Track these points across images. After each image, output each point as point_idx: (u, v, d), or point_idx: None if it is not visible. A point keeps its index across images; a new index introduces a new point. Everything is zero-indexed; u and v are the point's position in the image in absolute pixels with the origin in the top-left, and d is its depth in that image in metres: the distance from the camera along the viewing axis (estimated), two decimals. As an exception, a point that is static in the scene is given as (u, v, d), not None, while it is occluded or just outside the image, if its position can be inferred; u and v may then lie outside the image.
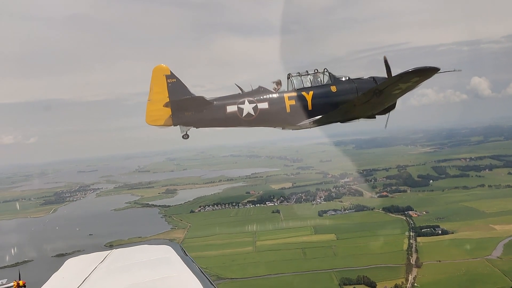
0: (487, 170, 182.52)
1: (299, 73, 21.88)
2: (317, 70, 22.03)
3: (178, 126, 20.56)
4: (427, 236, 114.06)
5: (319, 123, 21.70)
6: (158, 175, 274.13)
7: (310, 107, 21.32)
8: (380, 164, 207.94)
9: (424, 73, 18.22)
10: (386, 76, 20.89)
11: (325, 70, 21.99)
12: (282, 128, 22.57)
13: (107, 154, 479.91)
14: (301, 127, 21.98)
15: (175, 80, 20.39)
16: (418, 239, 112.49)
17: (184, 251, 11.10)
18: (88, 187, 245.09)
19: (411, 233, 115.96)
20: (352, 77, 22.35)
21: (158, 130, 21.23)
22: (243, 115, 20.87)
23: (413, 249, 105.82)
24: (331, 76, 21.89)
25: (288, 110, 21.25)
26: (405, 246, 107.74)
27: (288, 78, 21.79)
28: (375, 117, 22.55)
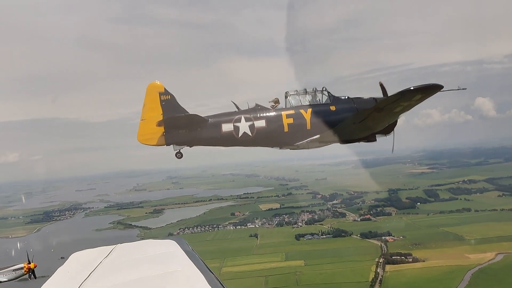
0: (477, 193, 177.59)
1: (297, 91, 21.47)
2: (315, 89, 21.62)
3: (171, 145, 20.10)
4: (396, 264, 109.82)
5: (317, 143, 21.23)
6: (153, 194, 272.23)
7: (308, 126, 20.84)
8: (374, 185, 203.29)
9: (427, 91, 17.66)
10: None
11: (324, 89, 21.62)
12: (280, 148, 21.97)
13: (110, 172, 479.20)
14: (298, 147, 21.38)
15: (169, 97, 20.05)
16: (387, 267, 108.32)
17: (189, 246, 10.91)
18: (80, 206, 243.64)
19: (381, 261, 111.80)
20: (351, 96, 21.98)
21: (161, 149, 20.51)
22: (239, 134, 20.29)
23: (378, 279, 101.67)
24: (330, 95, 21.56)
25: (286, 129, 20.76)
26: (371, 276, 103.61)
27: (286, 96, 21.42)
28: (375, 140, 21.94)
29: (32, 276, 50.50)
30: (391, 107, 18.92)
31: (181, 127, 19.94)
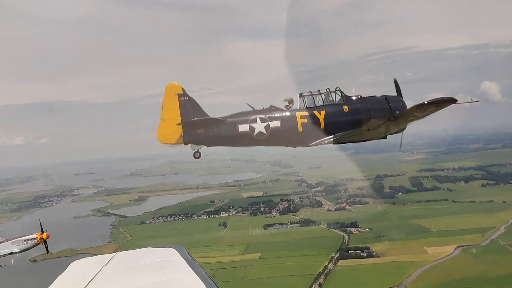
0: (462, 182, 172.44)
1: (310, 92, 21.96)
2: (329, 89, 22.08)
3: (189, 144, 20.68)
4: (350, 258, 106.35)
5: (330, 143, 21.73)
6: (146, 180, 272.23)
7: (322, 126, 21.32)
8: (365, 172, 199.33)
9: (441, 104, 18.58)
10: (397, 94, 22.23)
11: (337, 89, 22.07)
12: (294, 147, 22.60)
13: (115, 156, 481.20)
14: (312, 146, 21.96)
15: (187, 98, 20.62)
16: (340, 262, 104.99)
17: (189, 254, 10.88)
18: (71, 191, 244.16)
19: (336, 255, 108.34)
20: (364, 95, 22.41)
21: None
22: (255, 133, 20.81)
23: (324, 274, 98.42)
24: (343, 95, 22.02)
25: (300, 129, 21.25)
26: (320, 270, 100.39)
27: (300, 96, 21.93)
28: (386, 137, 22.55)
29: (44, 247, 48.62)
30: (406, 117, 20.15)
31: (199, 127, 20.44)
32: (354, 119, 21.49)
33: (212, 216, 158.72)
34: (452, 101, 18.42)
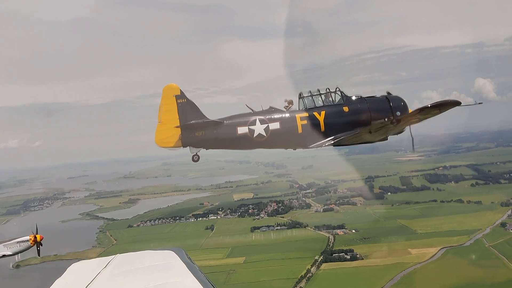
0: (452, 182, 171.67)
1: (310, 92, 21.69)
2: (328, 89, 21.83)
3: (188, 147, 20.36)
4: (334, 262, 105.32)
5: (330, 145, 21.36)
6: (139, 182, 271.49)
7: (322, 128, 21.03)
8: (357, 172, 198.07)
9: (444, 107, 18.34)
10: (397, 95, 21.81)
11: (337, 89, 21.79)
12: (294, 149, 22.25)
13: (110, 158, 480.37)
14: (312, 148, 21.65)
15: (185, 100, 20.34)
16: (324, 265, 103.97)
17: (189, 257, 10.75)
18: (63, 194, 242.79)
19: (320, 259, 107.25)
20: (361, 94, 22.20)
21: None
22: (254, 135, 20.52)
23: (306, 278, 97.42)
24: (343, 95, 21.72)
25: (300, 130, 20.96)
26: (302, 273, 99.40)
27: (300, 97, 21.67)
28: (387, 139, 22.43)
29: (38, 248, 47.18)
30: (408, 120, 19.85)
31: (197, 130, 20.12)
32: (355, 120, 21.17)
33: (201, 218, 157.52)
34: (456, 104, 18.17)
